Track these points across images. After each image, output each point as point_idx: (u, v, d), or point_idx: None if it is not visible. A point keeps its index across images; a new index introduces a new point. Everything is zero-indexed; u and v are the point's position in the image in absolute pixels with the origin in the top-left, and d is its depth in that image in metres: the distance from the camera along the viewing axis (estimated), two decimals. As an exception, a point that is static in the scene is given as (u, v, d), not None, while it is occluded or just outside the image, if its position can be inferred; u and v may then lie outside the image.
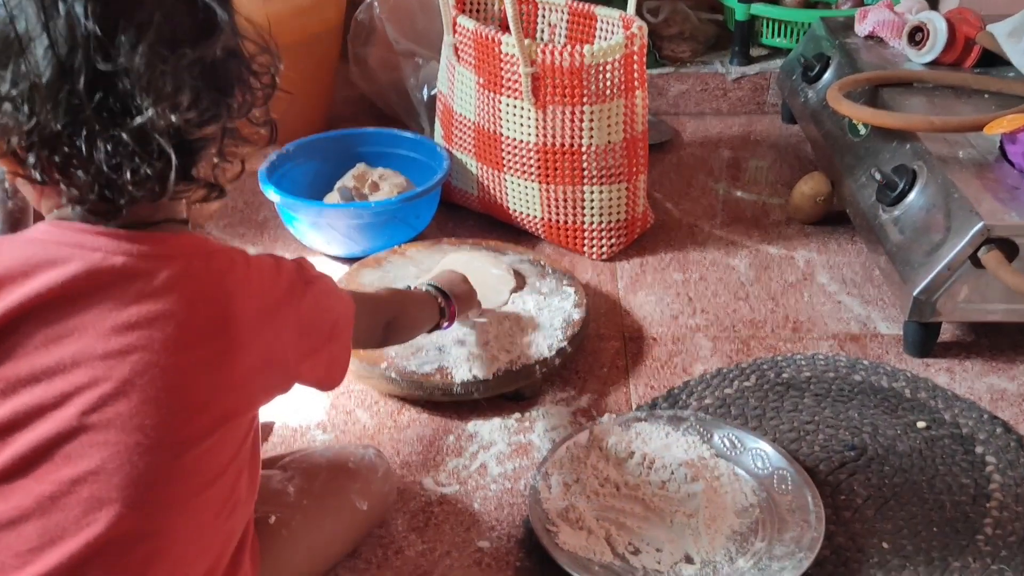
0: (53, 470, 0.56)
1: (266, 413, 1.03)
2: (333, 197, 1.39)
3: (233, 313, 0.62)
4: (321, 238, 1.33)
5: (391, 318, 0.90)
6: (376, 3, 1.69)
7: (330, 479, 0.84)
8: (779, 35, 1.83)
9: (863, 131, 1.33)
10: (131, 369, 0.57)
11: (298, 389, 1.10)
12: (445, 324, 1.01)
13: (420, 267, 1.23)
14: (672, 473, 0.94)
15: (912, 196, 1.16)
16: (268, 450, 0.99)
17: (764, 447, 0.96)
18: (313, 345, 0.70)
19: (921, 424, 1.03)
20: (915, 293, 1.08)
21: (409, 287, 1.05)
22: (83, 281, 0.58)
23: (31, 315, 0.57)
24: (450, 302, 1.00)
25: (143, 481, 0.57)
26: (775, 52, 1.86)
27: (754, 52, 1.87)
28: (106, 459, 0.57)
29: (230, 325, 0.61)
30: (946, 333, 1.18)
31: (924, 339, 1.14)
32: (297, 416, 1.05)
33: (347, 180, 1.40)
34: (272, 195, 1.30)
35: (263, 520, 0.77)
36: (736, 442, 0.97)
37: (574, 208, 1.33)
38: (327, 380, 0.75)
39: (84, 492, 0.56)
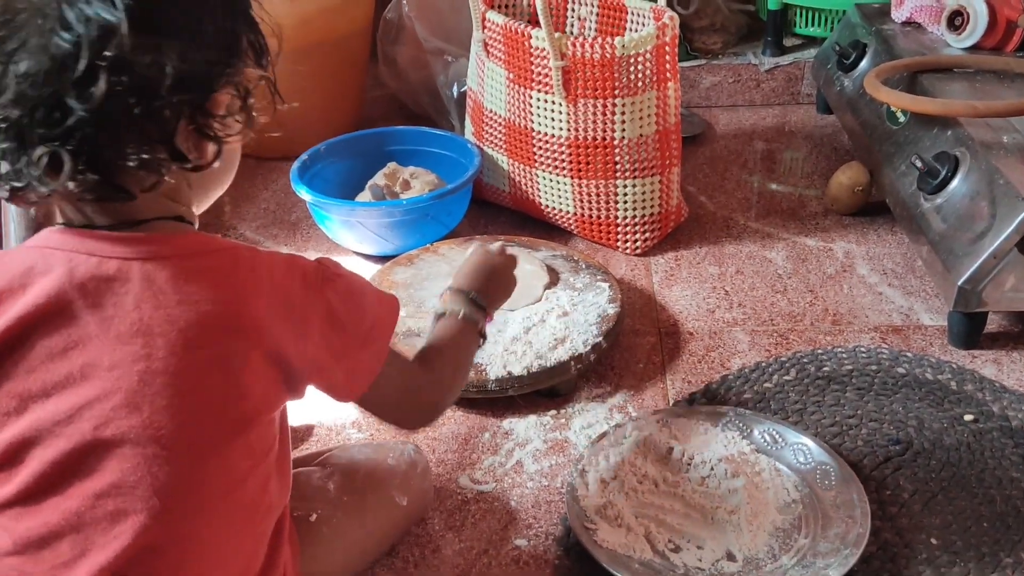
0: (76, 485, 0.56)
1: (303, 416, 1.03)
2: (365, 196, 1.39)
3: (240, 312, 0.59)
4: (353, 237, 1.33)
5: (427, 348, 0.79)
6: (405, 2, 1.69)
7: (370, 475, 0.83)
8: (813, 24, 1.80)
9: (902, 118, 1.30)
10: (139, 379, 0.56)
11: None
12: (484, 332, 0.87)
13: (452, 265, 1.23)
14: (712, 469, 0.92)
15: (955, 183, 1.13)
16: (304, 448, 0.99)
17: (806, 442, 0.94)
18: (339, 346, 0.66)
19: (968, 417, 1.00)
20: (960, 283, 1.05)
21: (438, 312, 0.84)
22: (81, 287, 0.57)
23: (35, 328, 0.57)
24: (484, 313, 0.85)
25: (165, 491, 0.57)
26: (809, 41, 1.83)
27: (787, 42, 1.84)
28: (126, 471, 0.56)
29: (238, 325, 0.59)
30: (992, 323, 1.15)
31: (970, 330, 1.11)
32: (331, 414, 1.05)
33: (378, 179, 1.40)
34: (304, 194, 1.31)
35: (304, 518, 0.77)
36: (777, 437, 0.95)
37: (607, 202, 1.31)
38: (346, 389, 0.69)
39: (109, 505, 0.56)
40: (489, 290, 0.88)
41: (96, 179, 0.55)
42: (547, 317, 1.11)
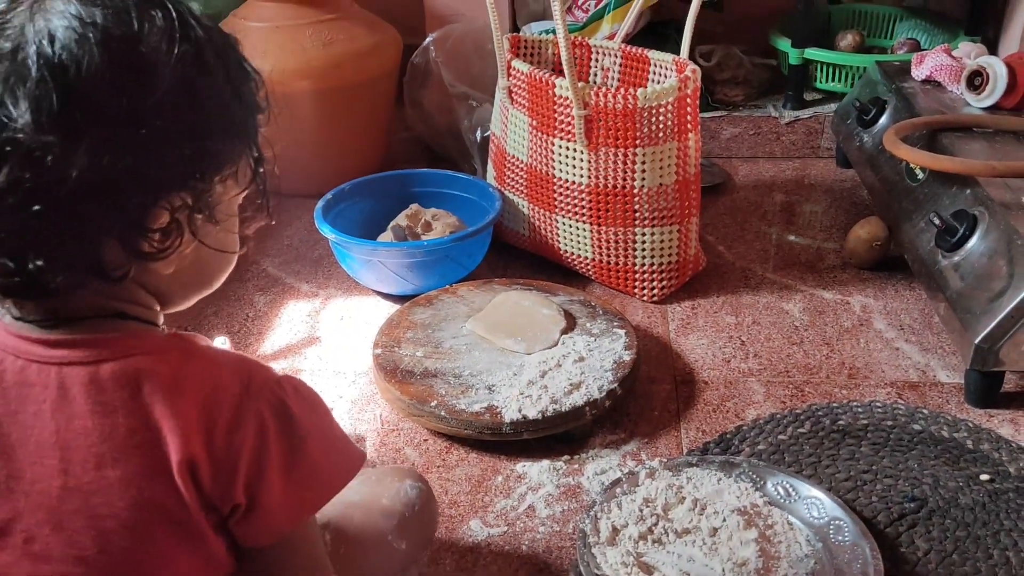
0: None
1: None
2: (386, 236, 1.41)
3: (151, 424, 0.54)
4: (374, 276, 1.35)
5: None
6: (432, 47, 1.73)
7: (365, 521, 0.78)
8: (833, 79, 1.82)
9: (921, 175, 1.31)
10: (58, 497, 0.54)
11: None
12: None
13: (471, 306, 1.24)
14: (724, 520, 0.92)
15: (973, 242, 1.13)
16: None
17: (819, 496, 0.94)
18: (255, 482, 0.57)
19: (984, 477, 1.00)
20: (976, 341, 1.05)
21: None
22: (3, 393, 0.55)
23: None
24: None
25: None
26: (829, 96, 1.85)
27: (807, 96, 1.86)
28: None
29: (151, 439, 0.54)
30: (1009, 383, 1.14)
31: (986, 388, 1.11)
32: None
33: (400, 219, 1.42)
34: (327, 233, 1.33)
35: None
36: (790, 490, 0.95)
37: (625, 250, 1.33)
38: (245, 534, 0.59)
39: None
40: None
41: (9, 268, 0.52)
42: (563, 362, 1.12)
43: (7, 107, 0.49)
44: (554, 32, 1.44)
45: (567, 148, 1.30)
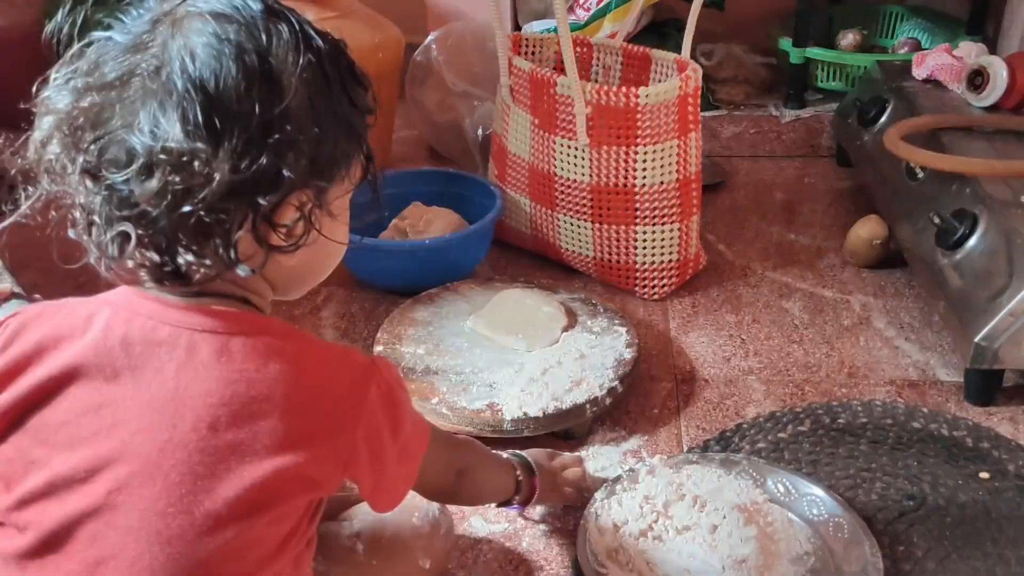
0: (80, 549, 0.56)
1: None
2: (388, 234, 1.41)
3: (272, 396, 0.58)
4: (375, 273, 1.35)
5: (466, 466, 0.82)
6: (434, 45, 1.73)
7: (396, 537, 0.80)
8: (834, 78, 1.82)
9: (921, 175, 1.32)
10: (159, 450, 0.56)
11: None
12: (516, 502, 0.91)
13: (472, 304, 1.25)
14: (724, 517, 0.92)
15: (973, 241, 1.14)
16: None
17: (819, 493, 0.94)
18: (370, 454, 0.63)
19: (984, 475, 1.00)
20: (976, 339, 1.06)
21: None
22: (128, 348, 0.58)
23: (78, 378, 0.58)
24: (532, 479, 0.90)
25: (163, 572, 0.55)
26: (829, 95, 1.86)
27: (808, 95, 1.86)
28: (127, 544, 0.55)
29: (268, 409, 0.58)
30: (1009, 381, 1.15)
31: (986, 387, 1.11)
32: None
33: (402, 217, 1.43)
34: (329, 231, 1.33)
35: None
36: (790, 488, 0.95)
37: (626, 248, 1.33)
38: (373, 499, 0.67)
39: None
40: (542, 468, 0.93)
41: (157, 260, 0.57)
42: (564, 359, 1.12)
43: (158, 119, 0.55)
44: (556, 30, 1.45)
45: (568, 146, 1.30)
